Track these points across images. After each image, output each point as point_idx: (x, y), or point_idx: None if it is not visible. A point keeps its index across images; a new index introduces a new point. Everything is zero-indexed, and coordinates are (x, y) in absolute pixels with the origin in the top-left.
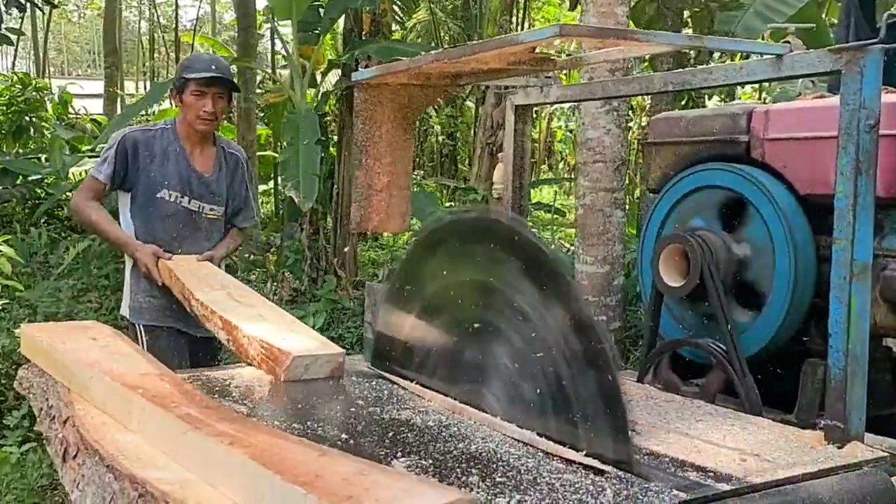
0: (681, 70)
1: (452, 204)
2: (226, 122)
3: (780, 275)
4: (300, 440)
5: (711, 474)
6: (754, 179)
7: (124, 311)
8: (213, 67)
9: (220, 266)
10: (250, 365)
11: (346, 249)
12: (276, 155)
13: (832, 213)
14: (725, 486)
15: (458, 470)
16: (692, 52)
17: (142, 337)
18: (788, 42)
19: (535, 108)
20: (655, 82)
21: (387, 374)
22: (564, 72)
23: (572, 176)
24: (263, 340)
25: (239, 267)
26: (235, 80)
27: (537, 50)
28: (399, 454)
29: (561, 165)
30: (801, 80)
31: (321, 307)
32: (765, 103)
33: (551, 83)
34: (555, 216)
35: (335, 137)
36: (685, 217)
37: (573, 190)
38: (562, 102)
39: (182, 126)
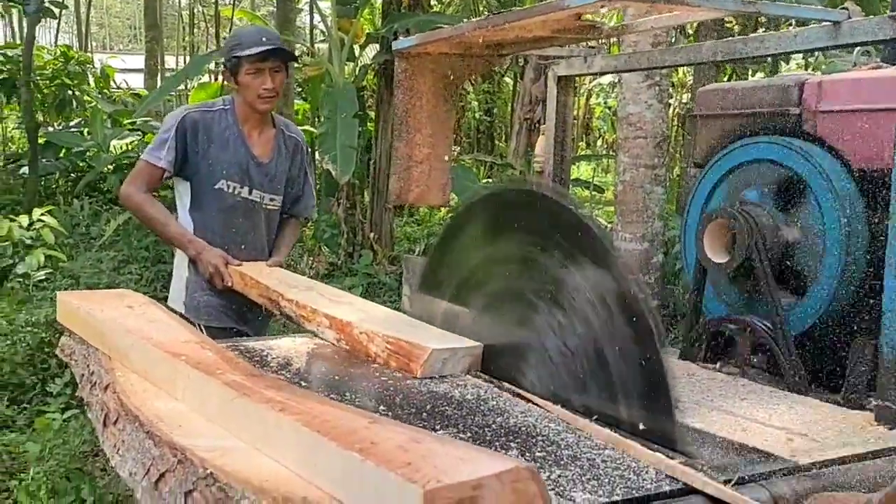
0: (731, 38)
1: (490, 180)
2: None
3: (830, 251)
4: (349, 408)
5: (758, 453)
6: (806, 154)
7: (177, 306)
8: (264, 39)
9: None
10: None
11: (382, 224)
12: (314, 129)
13: (888, 188)
14: (773, 466)
15: (496, 444)
16: (736, 26)
17: None
18: (846, 8)
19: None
20: (704, 52)
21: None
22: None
23: (610, 153)
24: (388, 336)
25: None
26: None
27: (583, 17)
28: (438, 427)
29: (599, 143)
30: (855, 50)
31: (357, 281)
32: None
33: (595, 53)
34: (593, 193)
35: (373, 112)
36: (732, 192)
37: (611, 167)
38: (606, 73)
39: (241, 107)
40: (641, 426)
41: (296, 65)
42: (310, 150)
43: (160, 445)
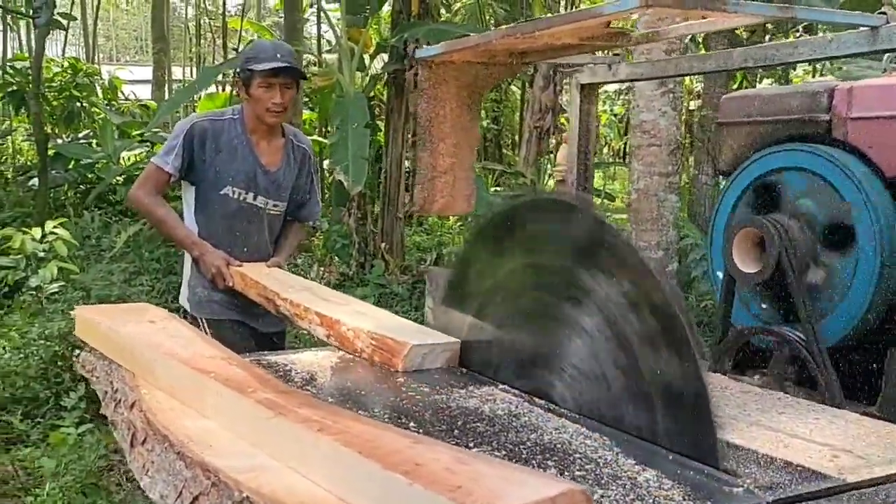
0: (763, 44)
1: (499, 188)
2: None
3: (864, 261)
4: (388, 426)
5: (802, 471)
6: (837, 161)
7: (184, 303)
8: (279, 56)
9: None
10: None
11: (393, 234)
12: (322, 140)
13: None
14: (822, 485)
15: (533, 462)
16: (744, 32)
17: (205, 330)
18: (884, 13)
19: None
20: (735, 58)
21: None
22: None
23: (616, 160)
24: (372, 332)
25: None
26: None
27: (612, 24)
28: (471, 444)
29: (605, 150)
30: (885, 56)
31: (369, 292)
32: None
33: (618, 61)
34: (604, 201)
35: (382, 122)
36: (760, 201)
37: (618, 174)
38: (630, 80)
39: (250, 118)
40: (682, 444)
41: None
42: (316, 158)
43: (192, 467)
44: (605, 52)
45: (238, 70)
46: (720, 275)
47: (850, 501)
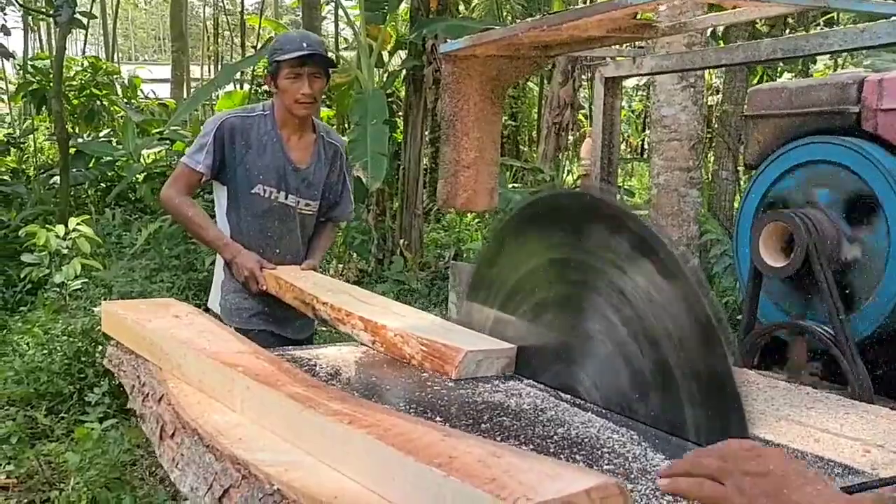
0: (792, 35)
1: (517, 184)
2: None
3: (894, 255)
4: (419, 420)
5: (835, 466)
6: (867, 154)
7: (214, 307)
8: (305, 45)
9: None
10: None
11: (412, 230)
12: (343, 137)
13: None
14: (855, 480)
15: (562, 456)
16: (764, 26)
17: None
18: None
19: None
20: (762, 49)
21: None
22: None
23: (634, 157)
24: (422, 338)
25: None
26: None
27: (639, 16)
28: (498, 438)
29: (623, 147)
30: None
31: (388, 288)
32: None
33: (643, 54)
34: (622, 197)
35: (400, 119)
36: (787, 194)
37: (636, 171)
38: (655, 73)
39: (280, 112)
40: (712, 439)
41: None
42: (347, 155)
43: (222, 460)
44: (628, 45)
45: (267, 64)
46: (746, 270)
47: (886, 497)
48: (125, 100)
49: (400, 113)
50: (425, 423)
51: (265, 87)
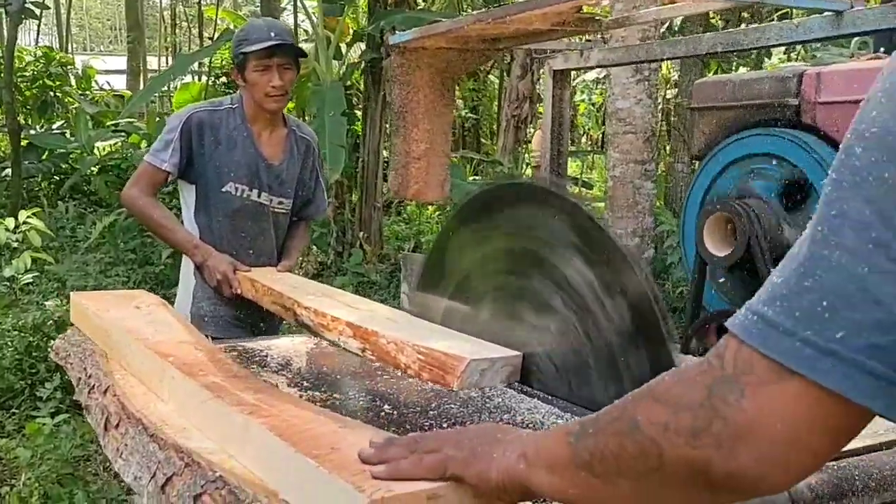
0: (732, 30)
1: (477, 177)
2: None
3: None
4: (323, 411)
5: None
6: (802, 143)
7: (184, 314)
8: (273, 34)
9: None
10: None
11: (371, 223)
12: None
13: None
14: None
15: None
16: (720, 21)
17: None
18: None
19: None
20: (704, 43)
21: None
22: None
23: (595, 149)
24: (419, 345)
25: None
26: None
27: (584, 10)
28: (444, 425)
29: (584, 140)
30: (853, 41)
31: (348, 280)
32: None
33: (591, 47)
34: (582, 189)
35: (359, 111)
36: (732, 184)
37: (596, 163)
38: (602, 66)
39: (249, 106)
40: None
41: None
42: (320, 150)
43: (165, 448)
44: (582, 38)
45: (232, 56)
46: (692, 258)
47: (814, 475)
48: (79, 91)
49: (359, 105)
50: (329, 414)
51: (224, 80)
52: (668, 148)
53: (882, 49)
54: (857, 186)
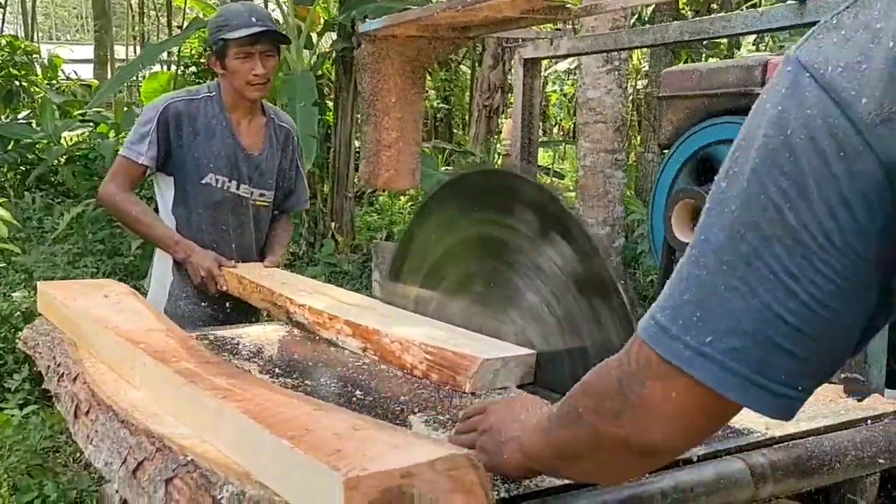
0: (698, 19)
1: (449, 167)
2: None
3: None
4: (297, 395)
5: (733, 427)
6: None
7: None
8: (254, 20)
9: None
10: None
11: (343, 213)
12: None
13: None
14: (748, 440)
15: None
16: (690, 11)
17: None
18: None
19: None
20: (671, 32)
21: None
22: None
23: (567, 140)
24: (426, 344)
25: None
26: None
27: None
28: (416, 409)
29: (556, 130)
30: None
31: (320, 271)
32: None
33: (561, 35)
34: (553, 179)
35: (331, 101)
36: (699, 173)
37: (568, 154)
38: (572, 55)
39: (228, 94)
40: None
41: None
42: (299, 139)
43: (136, 434)
44: (552, 27)
45: (210, 42)
46: (661, 246)
47: (773, 453)
48: (45, 81)
49: (331, 95)
50: (304, 398)
51: (193, 69)
52: (639, 138)
53: None
54: (719, 215)
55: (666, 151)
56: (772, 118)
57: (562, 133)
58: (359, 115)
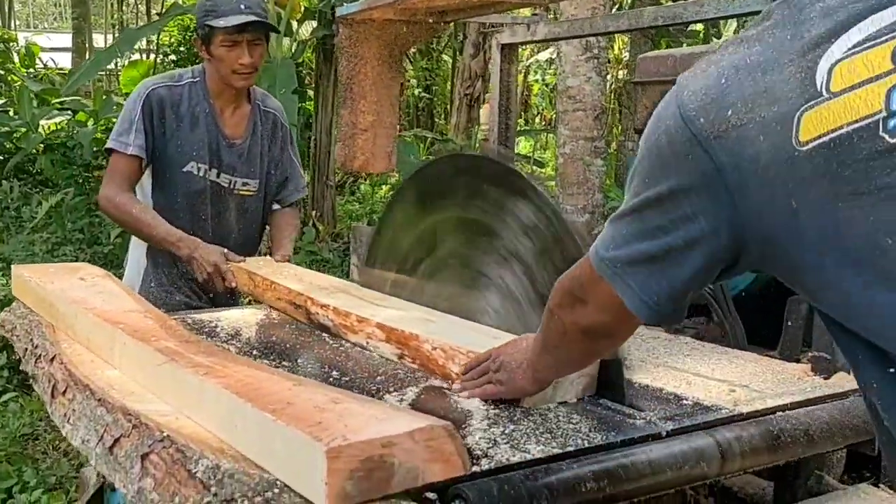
0: (671, 4)
1: (431, 156)
2: None
3: None
4: (276, 371)
5: (702, 404)
6: None
7: None
8: (244, 7)
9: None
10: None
11: (324, 201)
12: None
13: None
14: (716, 416)
15: (453, 403)
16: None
17: None
18: None
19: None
20: (645, 17)
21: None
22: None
23: (548, 129)
24: (473, 352)
25: None
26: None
27: None
28: (391, 389)
29: (537, 120)
30: None
31: (301, 259)
32: None
33: (538, 20)
34: (534, 168)
35: (311, 89)
36: None
37: (550, 143)
38: (549, 40)
39: (213, 81)
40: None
41: None
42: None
43: (113, 412)
44: (533, 12)
45: (196, 27)
46: None
47: (741, 429)
48: (23, 69)
49: (311, 84)
50: (283, 374)
51: (173, 58)
52: (619, 127)
53: None
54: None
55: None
56: (652, 120)
57: (544, 123)
58: (339, 103)
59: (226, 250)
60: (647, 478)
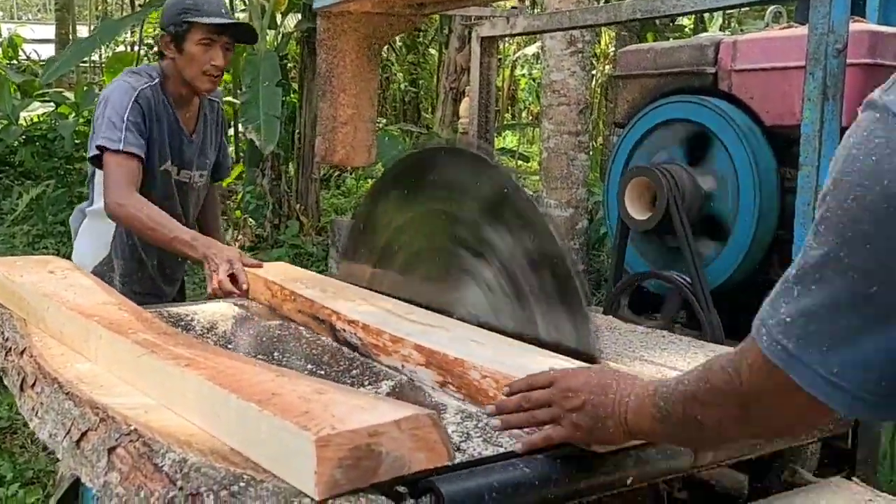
0: None
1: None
2: None
3: (744, 206)
4: (257, 362)
5: None
6: (719, 111)
7: None
8: (224, 13)
9: None
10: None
11: (308, 195)
12: (235, 100)
13: (798, 144)
14: None
15: (433, 396)
16: None
17: None
18: None
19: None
20: (623, 10)
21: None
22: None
23: (534, 123)
24: None
25: None
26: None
27: None
28: (367, 383)
29: (524, 114)
30: (768, 12)
31: (284, 252)
32: None
33: (517, 13)
34: (519, 162)
35: (295, 82)
36: (652, 151)
37: (536, 137)
38: (528, 33)
39: (176, 81)
40: None
41: None
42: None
43: (81, 405)
44: (517, 3)
45: (169, 22)
46: (616, 223)
47: None
48: (6, 60)
49: (295, 76)
50: (264, 365)
51: (157, 50)
52: (604, 121)
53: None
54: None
55: (621, 130)
56: (865, 168)
57: (530, 117)
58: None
59: (241, 252)
60: (620, 471)
